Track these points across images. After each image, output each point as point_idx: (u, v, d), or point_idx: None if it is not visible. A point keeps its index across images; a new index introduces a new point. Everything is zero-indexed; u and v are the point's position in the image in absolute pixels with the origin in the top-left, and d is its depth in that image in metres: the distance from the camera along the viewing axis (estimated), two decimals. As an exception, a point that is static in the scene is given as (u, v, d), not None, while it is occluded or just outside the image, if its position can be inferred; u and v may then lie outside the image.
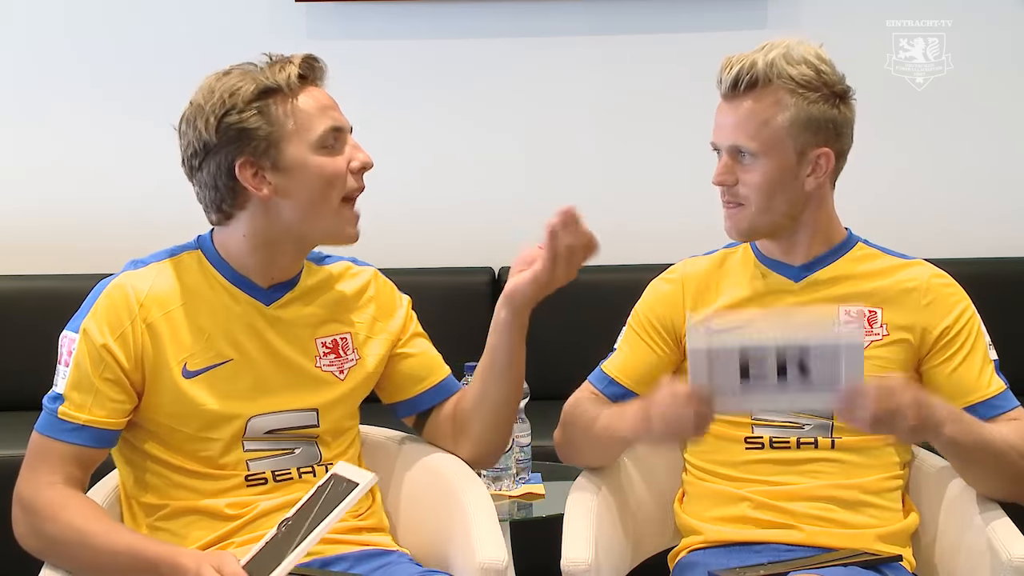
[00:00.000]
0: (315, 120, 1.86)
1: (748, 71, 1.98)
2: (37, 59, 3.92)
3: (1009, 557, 1.89)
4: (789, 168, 2.00)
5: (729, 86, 2.00)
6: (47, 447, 1.85)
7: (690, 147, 3.86)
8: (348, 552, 1.92)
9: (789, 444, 2.04)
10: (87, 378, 1.85)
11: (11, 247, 3.92)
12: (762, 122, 1.98)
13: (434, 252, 3.91)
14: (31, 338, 3.75)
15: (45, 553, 1.86)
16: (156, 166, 3.82)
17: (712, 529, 2.06)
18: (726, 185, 2.03)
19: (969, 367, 2.03)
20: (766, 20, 3.88)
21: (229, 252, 1.92)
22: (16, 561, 1.96)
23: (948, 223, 3.92)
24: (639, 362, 2.14)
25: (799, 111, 1.98)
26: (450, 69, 3.95)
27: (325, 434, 1.97)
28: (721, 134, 2.04)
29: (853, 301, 2.05)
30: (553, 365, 3.47)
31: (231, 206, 1.88)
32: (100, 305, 1.87)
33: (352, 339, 2.00)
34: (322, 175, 1.86)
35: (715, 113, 2.06)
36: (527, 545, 2.55)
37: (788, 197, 2.02)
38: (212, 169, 1.86)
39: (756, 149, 1.99)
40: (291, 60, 1.87)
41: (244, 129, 1.83)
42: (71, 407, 1.84)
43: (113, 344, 1.85)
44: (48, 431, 1.86)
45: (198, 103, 1.85)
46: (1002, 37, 3.91)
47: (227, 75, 1.87)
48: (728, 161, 2.02)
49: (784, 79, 1.98)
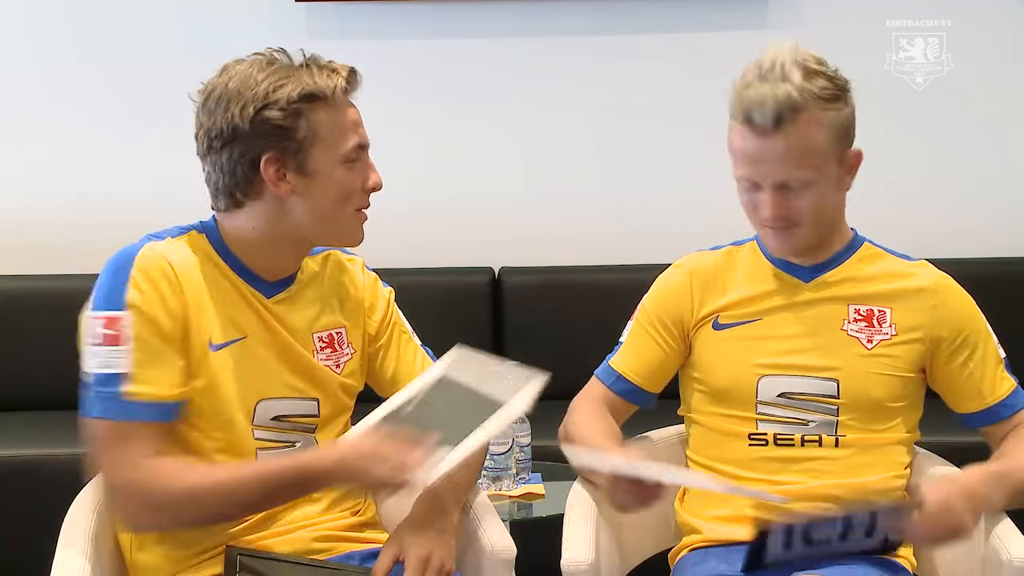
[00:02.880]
0: (348, 134, 1.86)
1: (786, 103, 1.91)
2: (37, 60, 3.92)
3: (1009, 557, 1.90)
4: (835, 179, 1.99)
5: (772, 122, 1.91)
6: (122, 431, 1.78)
7: (690, 147, 3.89)
8: (356, 551, 1.93)
9: (793, 441, 2.04)
10: (149, 351, 1.79)
11: (11, 247, 3.93)
12: (807, 149, 1.93)
13: (434, 252, 3.91)
14: (31, 338, 3.76)
15: (164, 525, 1.83)
16: (156, 166, 3.84)
17: (712, 528, 2.07)
18: (781, 217, 1.98)
19: (984, 369, 2.06)
20: (766, 20, 3.88)
21: (235, 242, 1.90)
22: (16, 561, 1.96)
23: (948, 223, 3.93)
24: (646, 357, 2.14)
25: (835, 122, 1.95)
26: (450, 69, 3.95)
27: (322, 424, 1.97)
28: (764, 170, 1.95)
29: (863, 301, 2.06)
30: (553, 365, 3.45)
31: (244, 195, 1.86)
32: (137, 276, 1.80)
33: (346, 332, 2.01)
34: (342, 188, 1.87)
35: (737, 142, 1.97)
36: (527, 545, 2.55)
37: (835, 205, 2.03)
38: (235, 155, 1.83)
39: (809, 177, 1.95)
40: (338, 71, 1.85)
41: (280, 127, 1.81)
42: (141, 384, 1.78)
43: (162, 312, 1.80)
44: (117, 415, 1.78)
45: (235, 88, 1.81)
46: (1002, 37, 3.91)
47: (271, 65, 1.83)
48: (776, 196, 1.96)
49: (813, 100, 1.92)
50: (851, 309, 2.05)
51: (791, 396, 2.04)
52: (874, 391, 2.03)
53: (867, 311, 2.05)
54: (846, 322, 2.05)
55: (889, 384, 2.04)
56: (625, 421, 2.18)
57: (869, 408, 2.04)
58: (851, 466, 2.04)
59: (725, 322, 2.10)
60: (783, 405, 2.05)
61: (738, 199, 2.03)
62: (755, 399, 2.06)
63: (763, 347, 2.07)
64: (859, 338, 2.04)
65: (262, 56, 1.86)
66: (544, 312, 3.81)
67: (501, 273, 3.89)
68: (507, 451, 2.68)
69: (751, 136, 1.94)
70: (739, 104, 1.95)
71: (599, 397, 2.17)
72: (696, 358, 2.13)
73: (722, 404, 2.09)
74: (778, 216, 1.97)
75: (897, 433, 2.07)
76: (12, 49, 3.93)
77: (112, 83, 3.91)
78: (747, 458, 2.06)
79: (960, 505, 1.87)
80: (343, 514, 1.96)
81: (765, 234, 2.04)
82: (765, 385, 2.05)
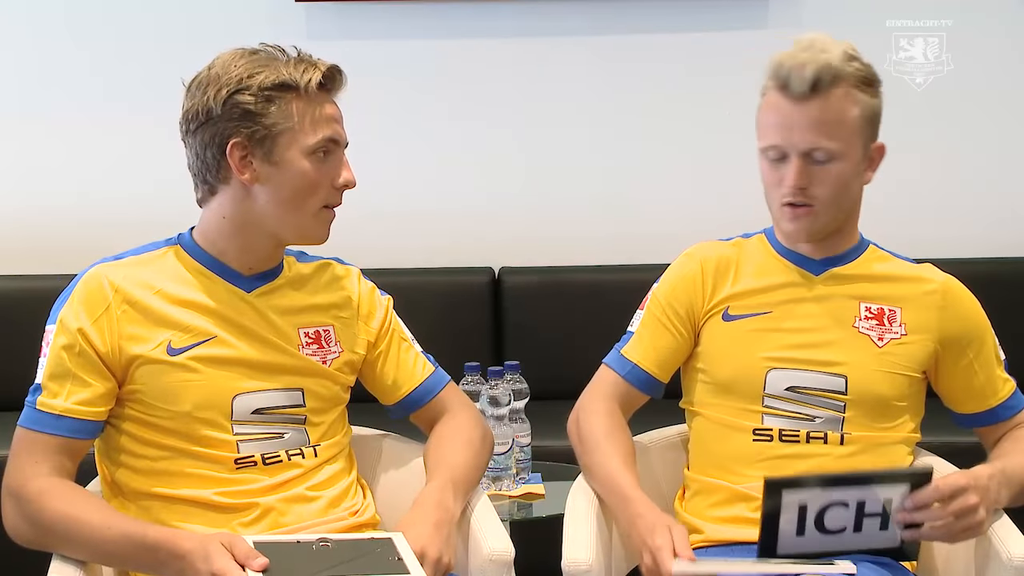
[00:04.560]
0: (317, 127, 1.88)
1: (826, 70, 1.93)
2: (37, 60, 3.92)
3: (1009, 557, 1.90)
4: (858, 165, 2.01)
5: (809, 86, 1.94)
6: (29, 439, 1.85)
7: (691, 147, 3.90)
8: None
9: (798, 438, 2.04)
10: (63, 365, 1.85)
11: (11, 247, 3.92)
12: (839, 121, 1.96)
13: (434, 252, 3.91)
14: (31, 338, 3.75)
15: (37, 543, 1.85)
16: (156, 166, 3.83)
17: (713, 528, 2.07)
18: (803, 188, 1.98)
19: (987, 371, 2.08)
20: (766, 20, 3.88)
21: (208, 238, 1.93)
22: (16, 561, 1.96)
23: (948, 223, 3.93)
24: (660, 346, 2.13)
25: (866, 106, 1.98)
26: (450, 69, 3.95)
27: (312, 415, 1.97)
28: (794, 136, 1.96)
29: (874, 300, 2.06)
30: (553, 365, 3.47)
31: (215, 180, 1.89)
32: (76, 294, 1.89)
33: (334, 332, 2.02)
34: (304, 180, 1.88)
35: (770, 113, 1.99)
36: (527, 545, 2.55)
37: (853, 195, 2.03)
38: (205, 138, 1.87)
39: (836, 149, 1.96)
40: (317, 65, 1.88)
41: (249, 112, 1.85)
42: (49, 396, 1.85)
43: (89, 328, 1.86)
44: (28, 423, 1.86)
45: (215, 73, 1.87)
46: (1002, 37, 3.92)
47: (254, 55, 1.88)
48: (801, 164, 1.97)
49: (849, 75, 1.96)
50: (862, 307, 2.06)
51: (799, 390, 2.04)
52: (882, 389, 2.04)
53: (878, 309, 2.05)
54: (857, 319, 2.05)
55: (897, 383, 2.05)
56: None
57: (876, 406, 2.04)
58: (855, 464, 2.03)
59: (736, 313, 2.09)
60: (790, 399, 2.05)
61: (740, 198, 2.04)
62: (762, 392, 2.05)
63: (774, 339, 2.07)
64: (870, 336, 2.05)
65: (250, 48, 1.90)
66: (544, 312, 3.81)
67: (501, 273, 3.89)
68: (507, 451, 2.68)
69: (785, 103, 1.97)
70: (777, 71, 1.97)
71: (611, 390, 2.14)
72: (703, 349, 2.13)
73: (727, 396, 2.09)
74: (799, 187, 1.97)
75: (901, 432, 2.07)
76: (12, 49, 3.93)
77: (112, 83, 3.91)
78: (750, 453, 2.06)
79: (975, 496, 1.87)
80: (341, 515, 1.96)
81: (782, 215, 2.03)
82: (773, 378, 2.05)
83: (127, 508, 1.91)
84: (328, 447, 1.98)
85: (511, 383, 2.78)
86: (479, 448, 2.08)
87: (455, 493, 1.96)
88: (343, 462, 2.02)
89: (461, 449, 2.05)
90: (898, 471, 1.88)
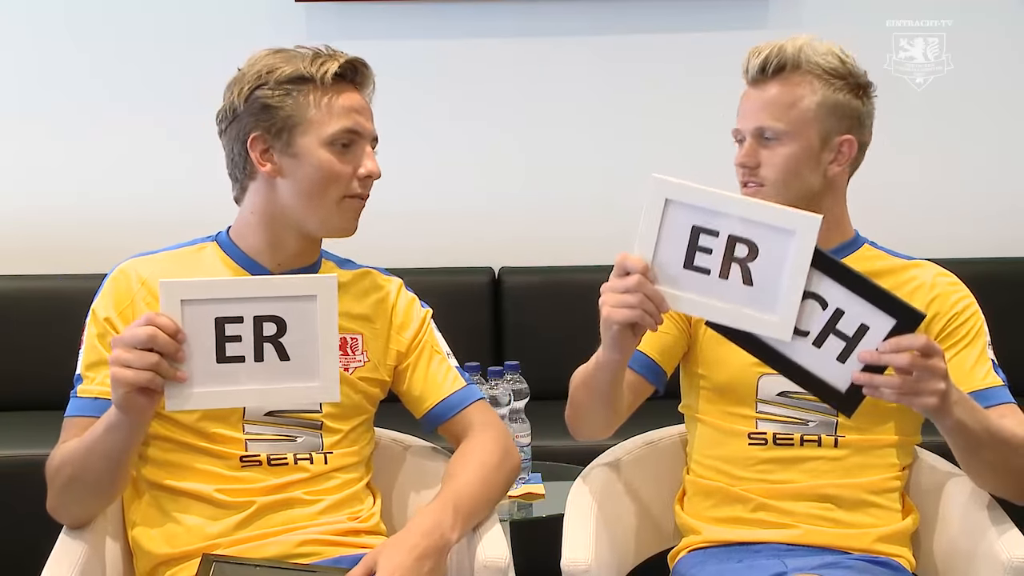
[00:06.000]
0: (335, 118, 1.89)
1: (777, 55, 2.00)
2: (37, 60, 3.92)
3: (1009, 557, 1.89)
4: (812, 152, 2.01)
5: (757, 70, 2.01)
6: (70, 424, 1.88)
7: (691, 147, 3.89)
8: (347, 555, 1.91)
9: (792, 441, 2.04)
10: (98, 354, 1.88)
11: (11, 247, 3.93)
12: (789, 104, 2.00)
13: (434, 252, 3.91)
14: (31, 338, 3.76)
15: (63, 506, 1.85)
16: (157, 166, 3.84)
17: (712, 529, 2.07)
18: (748, 167, 2.03)
19: (966, 357, 2.03)
20: (766, 20, 3.88)
21: (240, 234, 1.96)
22: (17, 561, 1.97)
23: (948, 223, 3.93)
24: (660, 331, 2.10)
25: (826, 96, 2.00)
26: (450, 69, 3.95)
27: (329, 420, 1.97)
28: (746, 118, 2.04)
29: None
30: (553, 365, 3.46)
31: (243, 175, 1.93)
32: (106, 287, 1.93)
33: (363, 341, 2.01)
34: (322, 170, 1.89)
35: (740, 102, 2.06)
36: (527, 545, 2.55)
37: (807, 181, 2.02)
38: (232, 135, 1.92)
39: (781, 130, 2.00)
40: (335, 58, 1.91)
41: (267, 105, 1.88)
42: (88, 383, 1.88)
43: (116, 318, 1.89)
44: (71, 411, 1.89)
45: (242, 71, 1.92)
46: (1002, 37, 3.92)
47: (276, 53, 1.92)
48: (752, 144, 2.03)
49: (812, 65, 2.00)
50: None
51: (791, 395, 2.04)
52: None
53: None
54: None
55: None
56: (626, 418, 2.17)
57: (869, 408, 2.03)
58: (849, 467, 2.03)
59: None
60: (783, 404, 2.05)
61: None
62: (755, 397, 2.06)
63: None
64: None
65: (280, 47, 1.94)
66: (544, 312, 3.81)
67: (501, 273, 3.90)
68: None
69: (748, 90, 2.04)
70: (743, 61, 2.04)
71: None
72: (699, 353, 2.13)
73: (724, 401, 2.09)
74: (747, 165, 2.02)
75: (895, 435, 2.06)
76: (12, 49, 3.93)
77: (112, 83, 3.91)
78: (746, 457, 2.06)
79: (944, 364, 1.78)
80: (340, 518, 1.95)
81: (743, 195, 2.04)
82: (765, 384, 2.05)
83: (138, 498, 1.93)
84: (343, 455, 1.97)
85: (511, 383, 2.78)
86: (492, 471, 1.99)
87: (455, 517, 1.87)
88: (358, 471, 2.00)
89: (472, 471, 1.97)
90: (897, 299, 1.75)
